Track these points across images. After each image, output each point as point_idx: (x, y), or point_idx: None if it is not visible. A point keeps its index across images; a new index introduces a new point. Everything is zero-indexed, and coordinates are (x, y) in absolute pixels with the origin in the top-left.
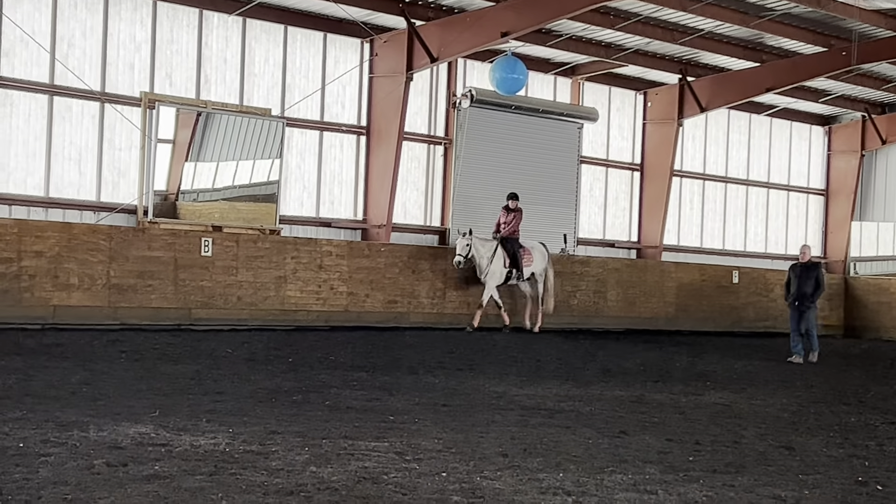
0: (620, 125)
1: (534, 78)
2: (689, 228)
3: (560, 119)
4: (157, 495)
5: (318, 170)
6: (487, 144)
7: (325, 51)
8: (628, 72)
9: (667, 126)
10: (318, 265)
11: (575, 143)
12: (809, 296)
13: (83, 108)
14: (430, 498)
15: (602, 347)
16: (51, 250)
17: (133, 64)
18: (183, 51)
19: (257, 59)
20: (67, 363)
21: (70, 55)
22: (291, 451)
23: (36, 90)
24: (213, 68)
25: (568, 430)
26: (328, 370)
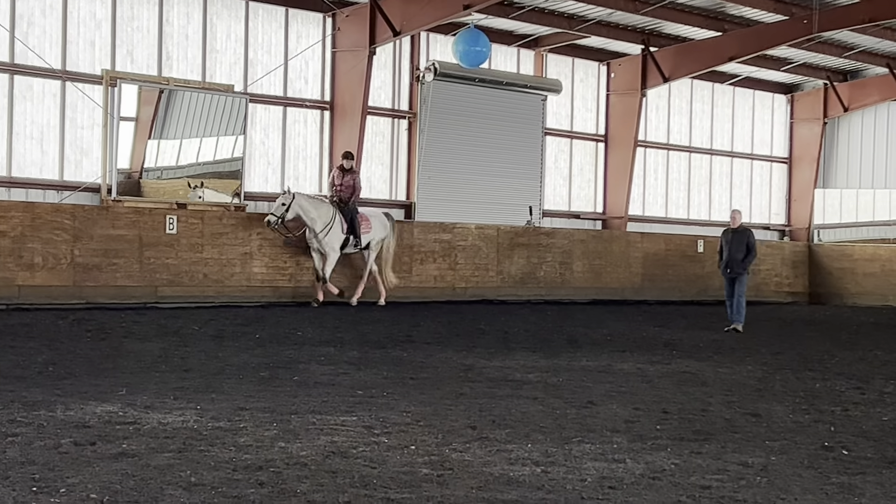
0: (584, 96)
1: (497, 50)
2: (654, 199)
3: (524, 91)
4: (126, 473)
5: (282, 145)
6: (451, 118)
7: (288, 26)
8: (591, 43)
9: (630, 97)
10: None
11: (539, 115)
12: (740, 261)
13: (44, 86)
14: (399, 471)
15: (569, 318)
16: (14, 230)
17: (94, 41)
18: (144, 27)
19: (219, 35)
20: (33, 343)
21: (30, 33)
22: (260, 427)
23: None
24: (175, 45)
25: (536, 402)
26: (295, 346)
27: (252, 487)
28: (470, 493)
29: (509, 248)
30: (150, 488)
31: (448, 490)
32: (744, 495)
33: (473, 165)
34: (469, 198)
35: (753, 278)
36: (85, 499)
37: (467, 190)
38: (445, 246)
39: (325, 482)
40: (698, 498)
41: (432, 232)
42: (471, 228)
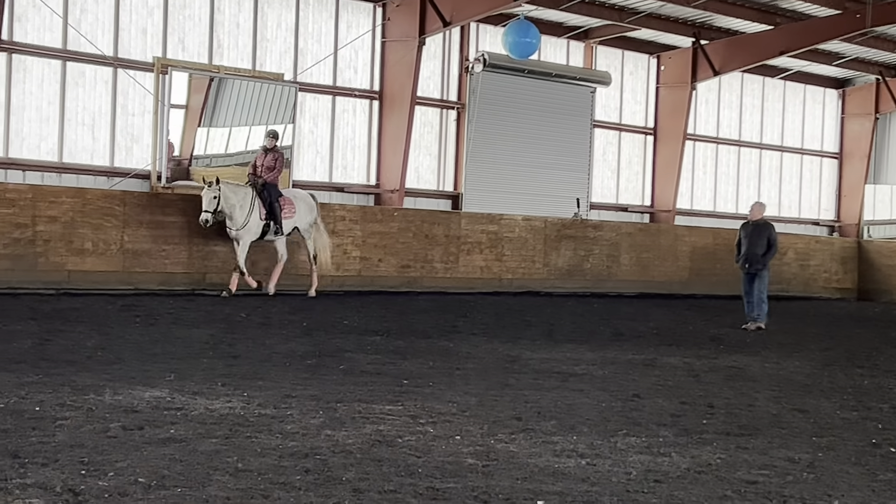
0: (633, 89)
1: (546, 42)
2: (703, 192)
3: (573, 83)
4: (173, 458)
5: (330, 135)
6: (500, 109)
7: (338, 15)
8: (641, 35)
9: (680, 90)
10: (331, 230)
11: (588, 108)
12: (760, 257)
13: (96, 73)
14: (444, 461)
15: (615, 311)
16: (65, 215)
17: (146, 29)
18: (196, 15)
19: (270, 24)
20: (82, 328)
21: (83, 20)
22: (306, 415)
23: (49, 55)
24: (226, 33)
25: (581, 394)
26: (342, 334)
27: (298, 474)
28: (515, 484)
29: (556, 241)
30: (197, 473)
31: (493, 480)
32: (790, 491)
33: (521, 157)
34: (516, 189)
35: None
36: (133, 482)
37: (515, 181)
38: (492, 237)
39: (370, 470)
40: (744, 493)
41: (479, 223)
42: (518, 220)
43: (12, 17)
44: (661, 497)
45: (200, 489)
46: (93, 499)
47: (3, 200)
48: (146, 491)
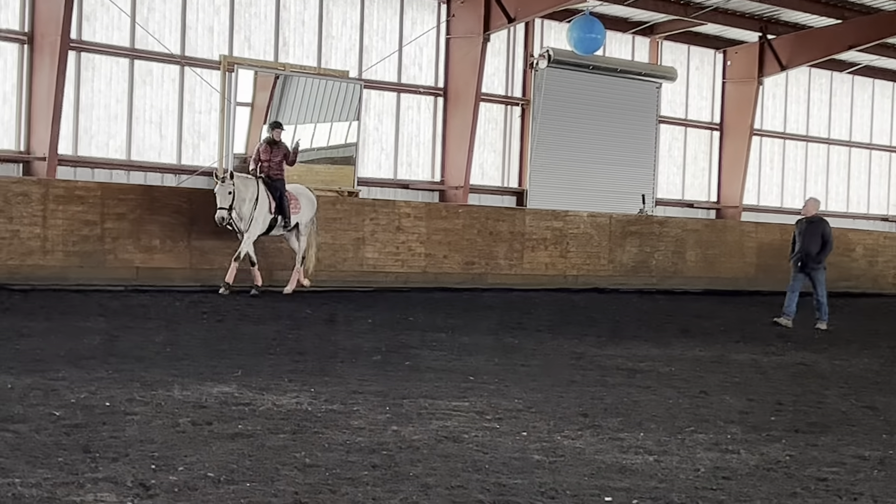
0: (699, 84)
1: (611, 37)
2: (769, 188)
3: (638, 79)
4: (242, 453)
5: (395, 132)
6: (565, 105)
7: (403, 12)
8: (707, 30)
9: (746, 85)
10: (396, 227)
11: (653, 103)
12: (815, 255)
13: (163, 71)
14: (511, 457)
15: (681, 308)
16: (133, 212)
17: (212, 27)
18: (261, 13)
19: (335, 21)
20: (151, 324)
21: (150, 19)
22: (373, 411)
23: (117, 54)
24: (292, 31)
25: (648, 390)
26: (407, 331)
27: (366, 470)
28: (582, 481)
29: (621, 237)
30: (266, 468)
31: (560, 476)
32: (860, 488)
33: (586, 153)
34: (581, 185)
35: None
36: (202, 477)
37: (580, 177)
38: (557, 234)
39: (437, 466)
40: (814, 490)
41: (544, 219)
42: (583, 216)
43: (81, 16)
44: (730, 494)
45: (269, 484)
46: (163, 493)
47: (73, 198)
48: (216, 485)
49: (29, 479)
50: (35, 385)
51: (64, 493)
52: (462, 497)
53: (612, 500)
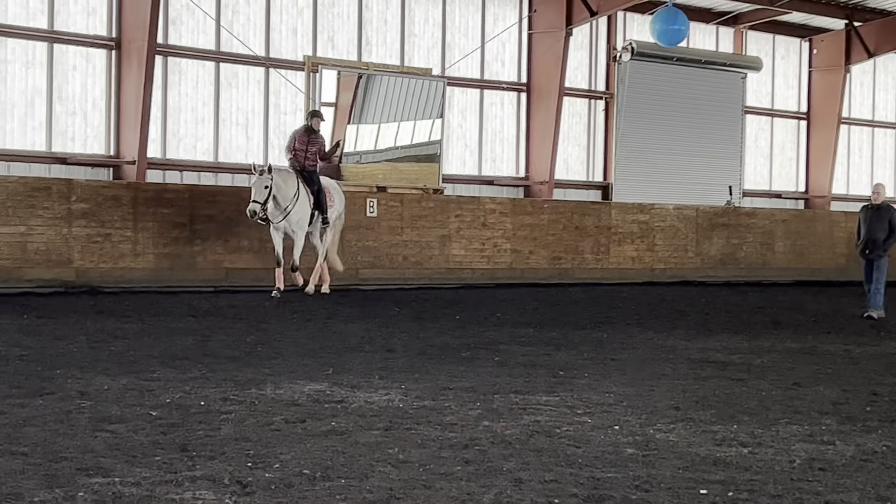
0: (785, 74)
1: (695, 28)
2: (858, 177)
3: (723, 69)
4: (336, 450)
5: (479, 128)
6: (649, 97)
7: (484, 8)
8: (792, 19)
9: (833, 73)
10: (481, 223)
11: (738, 94)
12: (881, 243)
13: (249, 73)
14: (603, 451)
15: (770, 299)
16: (221, 214)
17: (296, 28)
18: (344, 13)
19: (417, 20)
20: (241, 324)
21: (235, 22)
22: (464, 406)
23: (203, 57)
24: (374, 30)
25: (740, 383)
26: (495, 327)
27: (459, 465)
28: (676, 474)
29: (709, 229)
30: (360, 465)
31: (654, 470)
32: None
33: (671, 145)
34: (667, 178)
35: None
36: (298, 474)
37: (665, 170)
38: (643, 227)
39: (530, 461)
40: None
41: (630, 213)
42: (669, 209)
43: (167, 20)
44: (827, 485)
45: (363, 480)
46: (260, 490)
47: (162, 200)
48: (311, 482)
49: (128, 478)
50: (131, 386)
51: (163, 491)
52: (556, 491)
53: (707, 493)
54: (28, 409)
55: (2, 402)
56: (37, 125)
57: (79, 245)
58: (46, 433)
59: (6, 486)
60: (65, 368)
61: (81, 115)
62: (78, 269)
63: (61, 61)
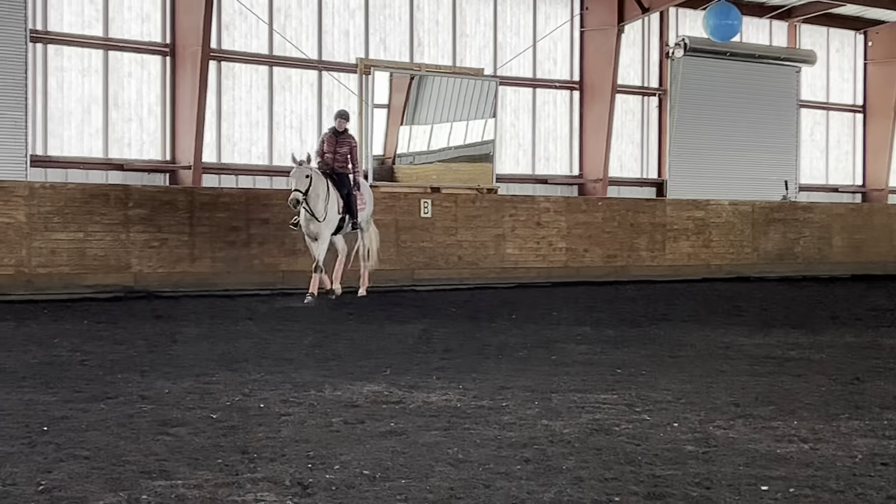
0: (840, 66)
1: (748, 23)
2: None
3: (777, 64)
4: (395, 450)
5: (532, 127)
6: (703, 93)
7: (536, 7)
8: (846, 11)
9: (890, 65)
10: (536, 222)
11: (793, 88)
12: None
13: (302, 76)
14: (663, 448)
15: (829, 294)
16: (276, 217)
17: (348, 31)
18: (396, 15)
19: (468, 20)
20: (299, 326)
21: (287, 25)
22: (522, 406)
23: (256, 62)
24: (426, 31)
25: (799, 378)
26: (552, 325)
27: (518, 464)
28: (737, 470)
29: (765, 224)
30: (419, 465)
31: (714, 467)
32: None
33: (726, 141)
34: (722, 174)
35: None
36: (358, 475)
37: (720, 166)
38: (699, 223)
39: (589, 459)
40: None
41: (685, 209)
42: (725, 205)
43: (220, 26)
44: (889, 480)
45: (424, 480)
46: (321, 491)
47: (218, 205)
48: (371, 483)
49: (190, 481)
50: (191, 389)
51: (225, 493)
52: (616, 489)
53: (768, 490)
54: (90, 413)
55: (64, 406)
56: (93, 132)
57: (136, 250)
58: (109, 437)
59: (71, 490)
60: (126, 373)
61: (137, 122)
62: (136, 274)
63: (116, 68)
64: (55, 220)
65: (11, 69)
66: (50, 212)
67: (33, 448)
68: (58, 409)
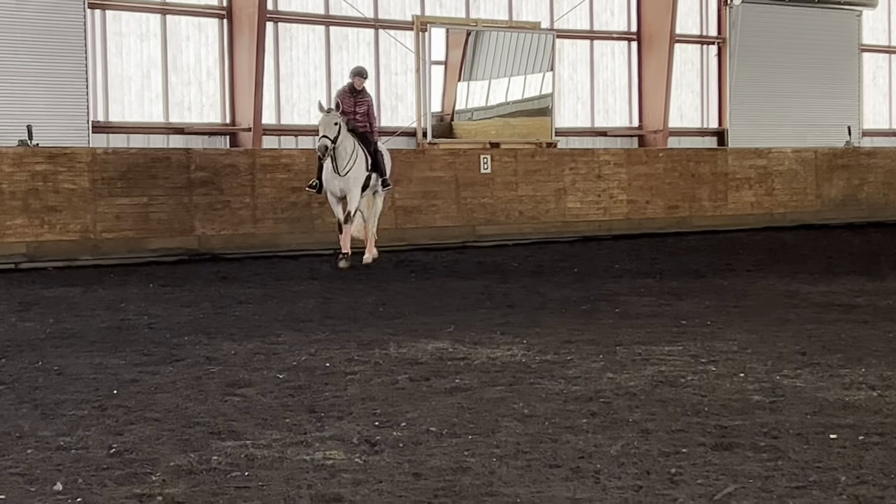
0: None
1: None
2: None
3: (837, 8)
4: (461, 406)
5: (590, 80)
6: (762, 40)
7: None
8: None
9: None
10: (596, 175)
11: (854, 32)
12: None
13: (358, 35)
14: (729, 399)
15: (894, 240)
16: None
17: None
18: None
19: None
20: (362, 285)
21: None
22: (586, 359)
23: (313, 22)
24: None
25: (866, 325)
26: (614, 278)
27: (584, 418)
28: (805, 419)
29: (828, 171)
30: (486, 420)
31: (782, 416)
32: None
33: (786, 88)
34: (783, 121)
35: None
36: (425, 431)
37: (781, 113)
38: (761, 172)
39: (656, 411)
40: None
41: (747, 158)
42: (787, 153)
43: None
44: None
45: (490, 435)
46: (388, 448)
47: (279, 166)
48: (438, 439)
49: (260, 441)
50: (257, 350)
51: (294, 452)
52: (683, 441)
53: (837, 438)
54: (159, 376)
55: (133, 370)
56: (153, 97)
57: (199, 213)
58: (178, 399)
59: (142, 452)
60: (192, 335)
61: (196, 85)
62: (200, 237)
63: (174, 32)
64: (119, 186)
65: (70, 36)
66: (113, 177)
67: (104, 411)
68: (127, 373)
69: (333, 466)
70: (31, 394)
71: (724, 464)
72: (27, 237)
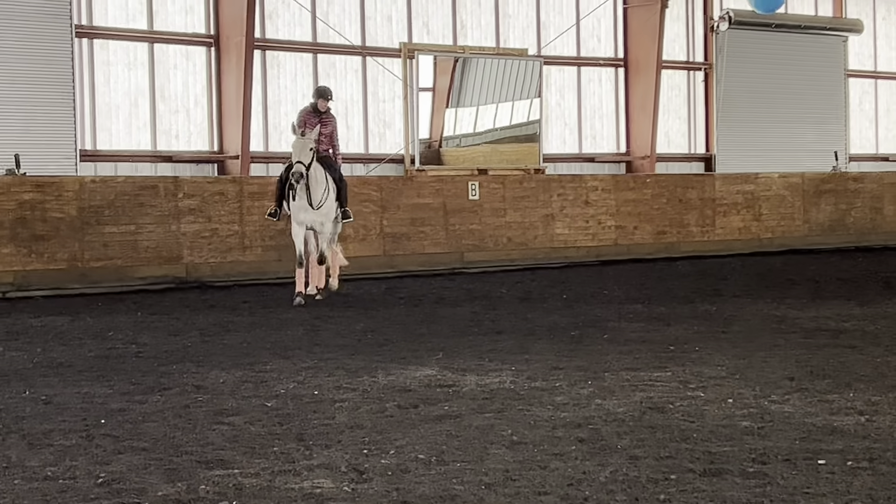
0: (888, 35)
1: None
2: None
3: (823, 34)
4: (450, 434)
5: (577, 106)
6: (749, 66)
7: None
8: None
9: None
10: (584, 201)
11: (840, 58)
12: None
13: (346, 63)
14: (718, 425)
15: (882, 264)
16: None
17: (391, 16)
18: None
19: (511, 0)
20: (350, 312)
21: (330, 12)
22: (575, 386)
23: (300, 49)
24: (469, 13)
25: (854, 350)
26: (603, 304)
27: (573, 444)
28: (793, 445)
29: (815, 196)
30: (474, 447)
31: (770, 442)
32: None
33: (773, 113)
34: (770, 146)
35: None
36: (413, 459)
37: (768, 138)
38: (748, 197)
39: (644, 437)
40: None
41: (734, 183)
42: (774, 178)
43: (263, 15)
44: None
45: (479, 462)
46: (377, 476)
47: (267, 194)
48: (427, 467)
49: (248, 470)
50: (245, 378)
51: (282, 481)
52: (672, 467)
53: (825, 463)
54: (147, 404)
55: (121, 398)
56: (141, 125)
57: (188, 241)
58: (166, 428)
59: (130, 482)
60: (180, 363)
61: (184, 113)
62: (188, 265)
63: (162, 61)
64: (106, 214)
65: (58, 65)
66: (101, 205)
67: (91, 441)
68: (115, 402)
69: (322, 495)
70: (18, 423)
71: (713, 490)
72: (15, 266)
